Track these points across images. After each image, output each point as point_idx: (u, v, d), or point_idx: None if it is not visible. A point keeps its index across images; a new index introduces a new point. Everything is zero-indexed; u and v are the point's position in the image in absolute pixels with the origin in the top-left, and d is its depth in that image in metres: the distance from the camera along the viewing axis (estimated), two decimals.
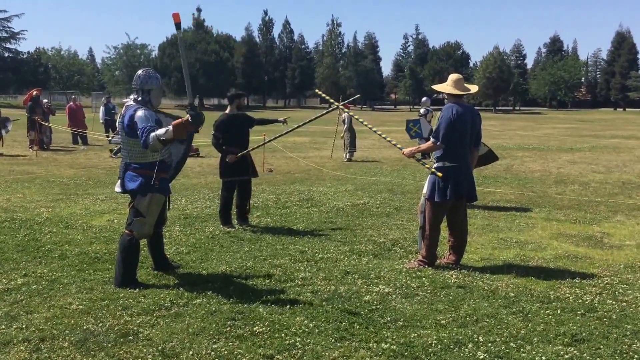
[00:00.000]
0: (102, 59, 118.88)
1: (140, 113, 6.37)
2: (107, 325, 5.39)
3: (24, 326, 5.35)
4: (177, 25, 6.40)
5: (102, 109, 27.63)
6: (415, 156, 7.84)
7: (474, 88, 7.96)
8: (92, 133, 25.48)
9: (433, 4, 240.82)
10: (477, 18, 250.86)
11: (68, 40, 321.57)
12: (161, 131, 6.18)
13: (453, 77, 7.54)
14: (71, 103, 26.87)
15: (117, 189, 6.87)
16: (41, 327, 5.34)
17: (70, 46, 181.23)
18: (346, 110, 11.03)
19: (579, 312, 5.87)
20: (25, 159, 19.99)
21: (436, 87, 8.10)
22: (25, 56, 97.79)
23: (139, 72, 6.82)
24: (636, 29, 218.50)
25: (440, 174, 7.21)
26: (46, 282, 6.63)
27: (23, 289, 6.40)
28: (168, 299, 6.10)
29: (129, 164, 6.64)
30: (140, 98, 6.66)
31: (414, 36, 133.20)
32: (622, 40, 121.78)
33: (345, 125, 21.40)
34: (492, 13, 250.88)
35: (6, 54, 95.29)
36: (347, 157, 21.28)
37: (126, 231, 6.73)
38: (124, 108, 6.70)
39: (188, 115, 6.20)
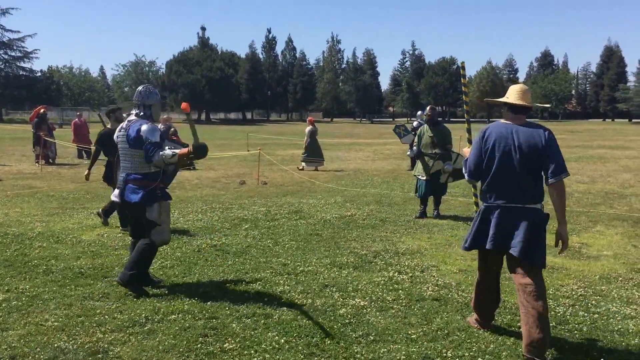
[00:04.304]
0: (112, 76, 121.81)
1: (146, 127, 6.70)
2: (78, 343, 5.41)
3: None
4: (187, 114, 7.15)
5: None
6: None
7: (545, 105, 6.73)
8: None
9: (429, 21, 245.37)
10: (471, 34, 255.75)
11: (79, 59, 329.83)
12: (168, 153, 6.62)
13: (518, 87, 5.58)
14: (76, 119, 27.24)
15: (114, 198, 7.09)
16: (14, 344, 5.37)
17: (81, 64, 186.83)
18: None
19: (550, 325, 5.89)
20: (31, 174, 20.07)
21: (495, 100, 5.84)
22: (38, 74, 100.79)
23: (140, 88, 7.11)
24: (624, 43, 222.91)
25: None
26: (26, 298, 6.66)
27: (3, 305, 6.43)
28: (143, 315, 6.13)
29: (130, 174, 6.84)
30: (142, 113, 6.96)
31: (411, 52, 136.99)
32: (610, 54, 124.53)
33: (307, 138, 22.25)
34: (485, 29, 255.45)
35: (20, 73, 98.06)
36: (304, 166, 22.09)
37: (145, 239, 6.94)
38: (125, 122, 6.96)
39: (191, 147, 6.65)
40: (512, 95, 5.46)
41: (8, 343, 5.40)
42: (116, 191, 7.08)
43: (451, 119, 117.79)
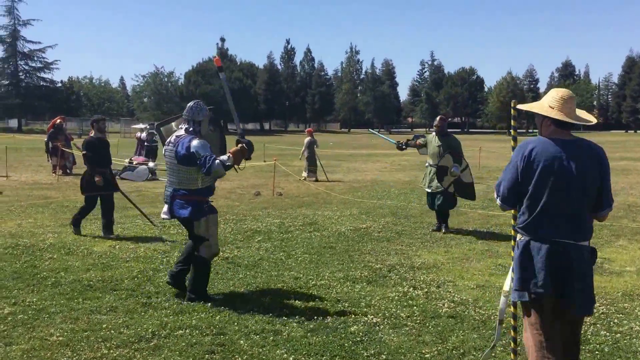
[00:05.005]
0: (132, 87, 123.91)
1: (196, 143, 6.77)
2: (82, 359, 5.27)
3: None
4: (219, 68, 7.60)
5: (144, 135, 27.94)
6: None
7: (591, 119, 4.56)
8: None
9: (449, 32, 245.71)
10: (491, 44, 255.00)
11: (100, 70, 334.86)
12: (224, 157, 6.78)
13: (561, 93, 4.43)
14: None
15: (164, 215, 7.22)
16: None
17: (101, 75, 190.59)
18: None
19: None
20: (47, 184, 20.08)
21: (527, 106, 4.65)
22: (59, 85, 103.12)
23: (191, 103, 7.21)
24: None
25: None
26: (33, 312, 6.53)
27: (9, 318, 6.31)
28: (150, 330, 5.98)
29: (177, 190, 6.94)
30: (191, 128, 7.01)
31: (430, 62, 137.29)
32: (632, 64, 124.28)
33: (305, 149, 22.52)
34: (505, 39, 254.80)
35: (41, 83, 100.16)
36: (306, 176, 22.23)
37: (198, 254, 7.06)
38: (174, 137, 7.04)
39: (242, 144, 6.96)
40: (557, 104, 4.35)
41: (11, 358, 5.27)
42: (165, 207, 7.18)
43: (470, 130, 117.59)
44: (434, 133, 11.67)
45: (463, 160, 11.45)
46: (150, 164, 23.77)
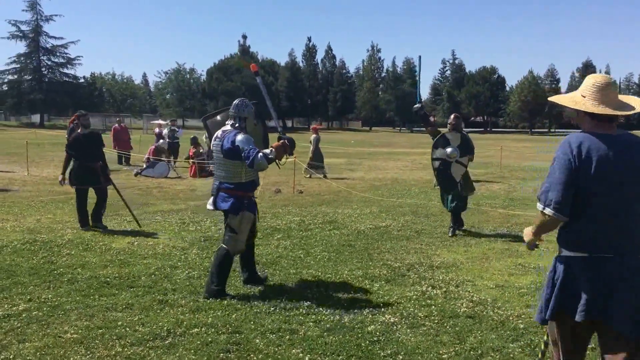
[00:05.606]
0: (155, 83, 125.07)
1: (241, 137, 7.00)
2: (95, 357, 5.22)
3: (11, 357, 5.22)
4: (256, 73, 8.39)
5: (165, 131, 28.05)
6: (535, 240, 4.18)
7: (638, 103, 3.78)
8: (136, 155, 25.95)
9: (469, 31, 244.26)
10: (512, 44, 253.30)
11: (122, 66, 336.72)
12: (267, 151, 7.07)
13: (594, 79, 3.77)
14: (116, 125, 27.73)
15: (209, 206, 7.44)
16: (29, 358, 5.21)
17: (124, 71, 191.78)
18: None
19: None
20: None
21: (559, 99, 3.97)
22: (81, 81, 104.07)
23: (236, 101, 7.49)
24: None
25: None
26: (48, 308, 6.51)
27: (23, 315, 6.29)
28: (165, 327, 5.93)
29: (222, 183, 7.22)
30: (237, 124, 7.27)
31: (451, 61, 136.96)
32: None
33: (312, 146, 22.75)
34: (526, 39, 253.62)
35: (64, 79, 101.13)
36: (315, 174, 22.13)
37: (223, 246, 7.21)
38: (220, 132, 7.29)
39: (284, 140, 7.37)
40: (589, 92, 3.70)
41: (23, 356, 5.24)
42: (211, 199, 7.36)
43: (493, 129, 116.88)
44: (447, 131, 11.42)
45: (467, 159, 11.11)
46: (161, 140, 24.07)
